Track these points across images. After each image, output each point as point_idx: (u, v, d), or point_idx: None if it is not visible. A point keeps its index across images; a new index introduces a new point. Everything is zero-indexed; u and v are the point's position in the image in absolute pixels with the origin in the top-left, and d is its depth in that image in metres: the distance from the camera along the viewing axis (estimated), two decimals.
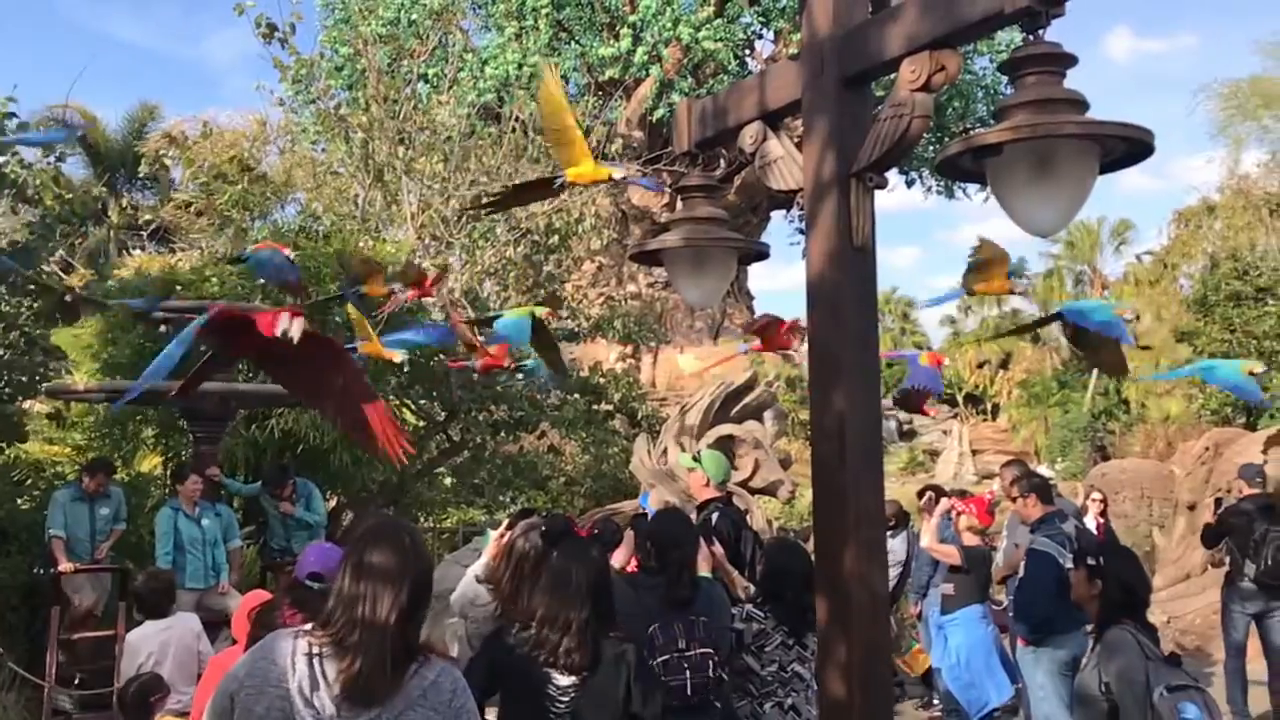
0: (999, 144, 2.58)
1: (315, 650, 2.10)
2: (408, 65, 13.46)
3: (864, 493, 2.92)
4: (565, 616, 2.92)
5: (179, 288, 8.78)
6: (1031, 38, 2.71)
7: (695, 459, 5.31)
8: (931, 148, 22.25)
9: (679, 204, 3.83)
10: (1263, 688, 6.91)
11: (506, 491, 11.27)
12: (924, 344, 38.61)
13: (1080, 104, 2.62)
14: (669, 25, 21.10)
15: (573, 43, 23.04)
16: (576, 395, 11.42)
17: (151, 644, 4.70)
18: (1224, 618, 7.07)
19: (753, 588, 4.26)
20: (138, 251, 15.17)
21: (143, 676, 4.34)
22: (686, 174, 3.79)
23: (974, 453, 25.65)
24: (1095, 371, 27.16)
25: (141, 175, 19.99)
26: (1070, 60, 2.69)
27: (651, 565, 3.65)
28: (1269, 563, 6.66)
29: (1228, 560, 7.25)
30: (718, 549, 4.42)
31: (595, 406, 11.72)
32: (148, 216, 14.68)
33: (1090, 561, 3.35)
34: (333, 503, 10.42)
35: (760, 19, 23.70)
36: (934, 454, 26.87)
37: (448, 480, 11.97)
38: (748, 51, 24.31)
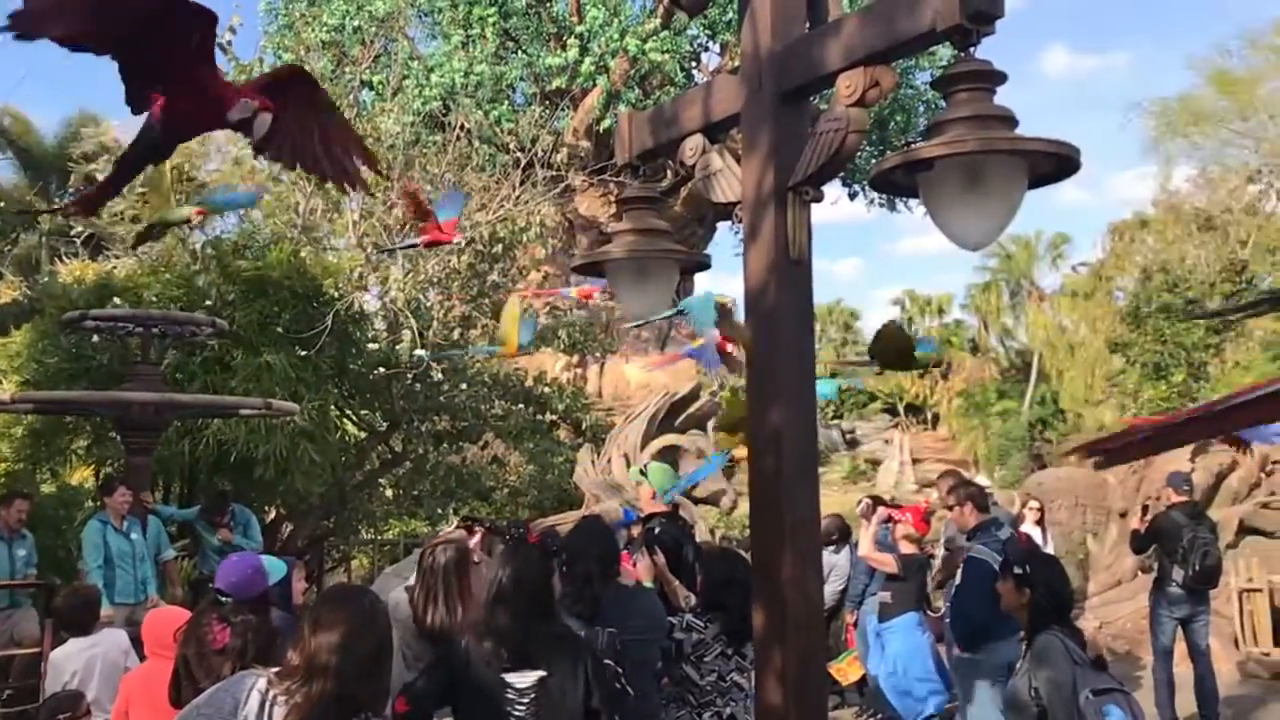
0: (931, 159, 2.63)
1: (270, 694, 2.23)
2: (351, 72, 13.34)
3: (800, 502, 2.96)
4: (514, 620, 2.93)
5: (115, 299, 8.59)
6: (963, 55, 2.77)
7: (643, 472, 5.33)
8: (874, 161, 22.53)
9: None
10: (1188, 689, 7.08)
11: (449, 503, 11.19)
12: (862, 354, 39.00)
13: (1010, 120, 2.68)
14: (616, 36, 21.18)
15: (520, 52, 23.00)
16: (521, 405, 11.38)
17: (76, 662, 4.57)
18: (1152, 622, 7.24)
19: (694, 597, 4.27)
20: (71, 259, 14.82)
21: (59, 694, 4.23)
22: (629, 185, 3.81)
23: (915, 462, 26.00)
24: (1033, 382, 27.71)
25: (73, 184, 19.55)
26: (1000, 77, 2.75)
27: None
28: (1196, 568, 6.84)
29: (1156, 566, 7.44)
30: (660, 558, 4.44)
31: (540, 417, 11.69)
32: (79, 226, 14.35)
33: (1018, 571, 3.42)
34: (271, 514, 10.26)
35: (706, 32, 23.87)
36: (875, 463, 27.17)
37: (389, 492, 11.85)
38: (694, 64, 24.45)
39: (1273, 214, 25.38)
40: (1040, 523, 8.77)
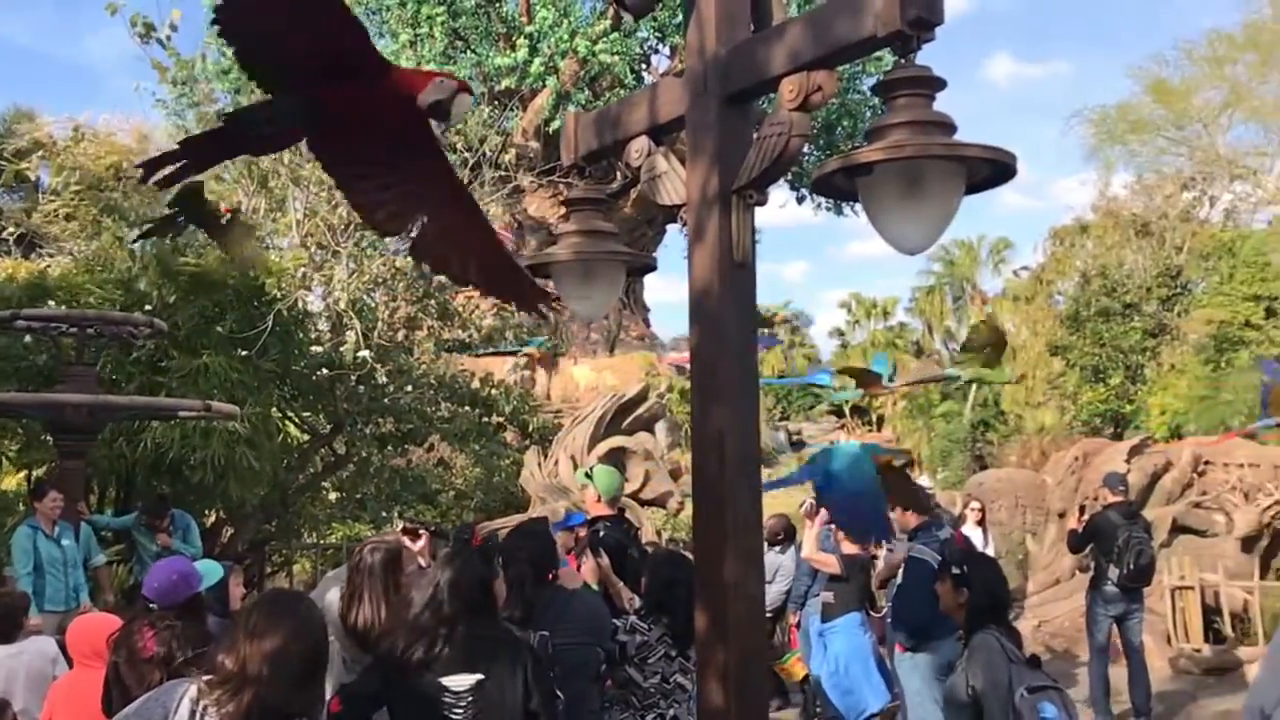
0: (870, 163, 2.66)
1: (201, 701, 2.18)
2: None
3: (742, 503, 2.97)
4: (452, 623, 2.92)
5: (50, 300, 8.38)
6: (903, 61, 2.81)
7: (588, 475, 5.32)
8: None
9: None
10: (1123, 685, 7.24)
11: (394, 506, 11.08)
12: (813, 356, 39.47)
13: (948, 126, 2.72)
14: (565, 37, 21.15)
15: (469, 51, 22.88)
16: (467, 407, 11.30)
17: None
18: (1088, 620, 7.40)
19: (638, 599, 4.27)
20: (4, 257, 14.41)
21: None
22: (575, 186, 3.80)
23: None
24: (975, 384, 28.16)
25: (2, 181, 19.02)
26: (939, 84, 2.79)
27: None
28: (1130, 567, 7.00)
29: (1093, 565, 7.60)
30: (604, 561, 4.43)
31: (486, 419, 11.63)
32: (10, 227, 13.96)
33: (955, 572, 3.47)
34: (211, 518, 10.08)
35: (656, 34, 23.94)
36: None
37: (332, 495, 11.71)
38: (644, 66, 24.52)
39: (1206, 221, 26.08)
40: (981, 523, 8.91)
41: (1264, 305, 19.40)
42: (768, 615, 7.94)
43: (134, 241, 8.92)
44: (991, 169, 2.75)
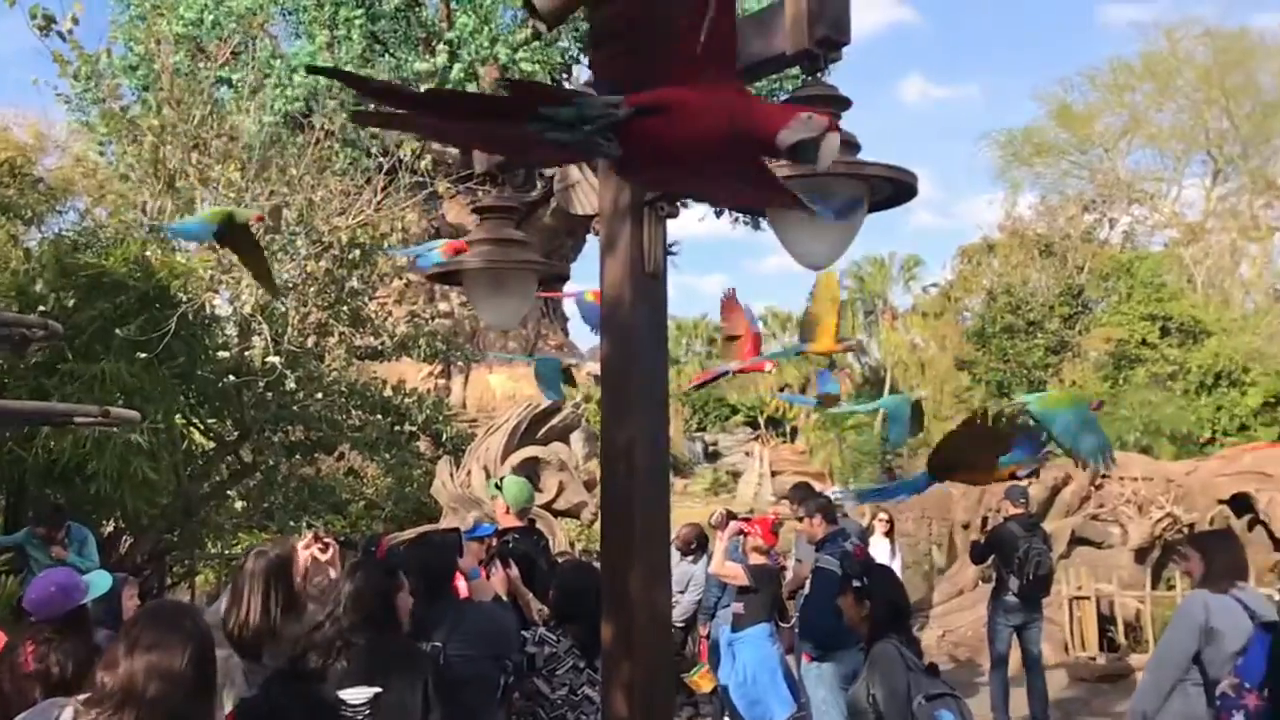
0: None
1: None
2: (207, 68, 12.83)
3: (650, 514, 2.98)
4: (351, 636, 2.86)
5: None
6: (811, 79, 2.86)
7: (497, 485, 5.28)
8: None
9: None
10: (1023, 693, 7.44)
11: (302, 516, 10.82)
12: None
13: (853, 145, 2.78)
14: (486, 44, 21.02)
15: (387, 55, 22.58)
16: (379, 416, 11.12)
17: None
18: (989, 629, 7.59)
19: (548, 610, 4.25)
20: None
21: None
22: (486, 194, 3.78)
23: (774, 474, 26.57)
24: (885, 396, 28.73)
25: None
26: (845, 103, 2.85)
27: None
28: (1030, 577, 7.20)
29: (994, 576, 7.80)
30: (513, 571, 4.40)
31: (399, 428, 11.44)
32: None
33: (857, 584, 3.54)
34: (109, 527, 9.73)
35: (579, 44, 23.95)
36: (736, 475, 27.66)
37: (238, 504, 11.40)
38: (565, 76, 24.50)
39: (1106, 242, 27.07)
40: (889, 534, 9.07)
41: (1159, 324, 20.22)
42: (679, 626, 7.98)
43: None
44: (893, 188, 2.82)
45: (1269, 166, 29.46)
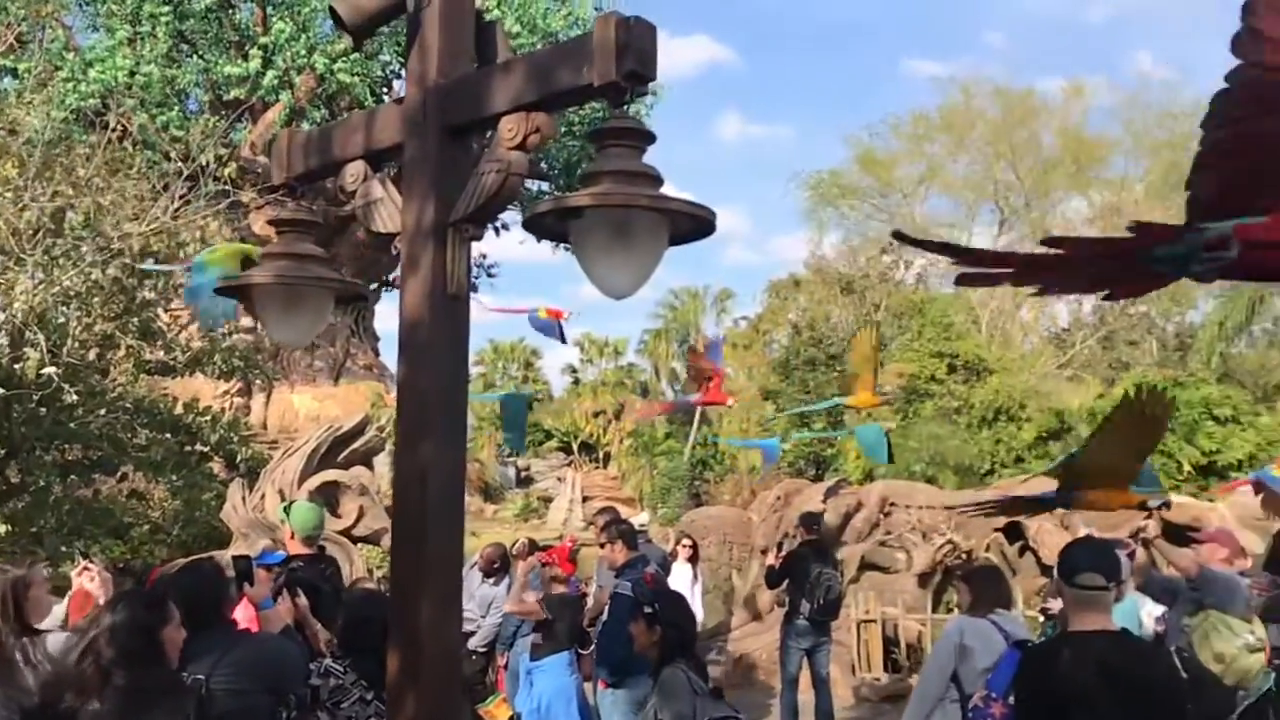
0: (580, 208, 2.73)
1: None
2: None
3: (442, 540, 2.92)
4: (108, 670, 2.68)
5: None
6: (616, 112, 2.90)
7: (286, 510, 5.07)
8: None
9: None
10: (812, 714, 7.72)
11: (76, 541, 10.05)
12: (545, 392, 39.79)
13: (655, 179, 2.83)
14: (303, 52, 20.37)
15: (195, 56, 21.55)
16: (168, 435, 10.49)
17: None
18: (781, 652, 7.85)
19: (335, 641, 4.10)
20: None
21: None
22: (283, 207, 3.65)
23: (585, 499, 26.68)
24: (696, 425, 29.40)
25: None
26: (649, 137, 2.90)
27: None
28: (820, 601, 7.51)
29: (788, 600, 8.07)
30: (301, 601, 4.23)
31: (189, 447, 10.83)
32: None
33: (648, 610, 3.59)
34: None
35: (400, 58, 23.53)
36: (548, 500, 27.61)
37: (2, 528, 10.49)
38: (386, 89, 24.01)
39: (901, 282, 28.72)
40: (692, 559, 9.25)
41: (946, 361, 21.55)
42: (482, 651, 7.86)
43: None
44: (693, 223, 2.89)
45: (1048, 218, 32.02)
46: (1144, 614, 5.52)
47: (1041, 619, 6.27)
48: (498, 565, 7.85)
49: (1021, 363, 23.42)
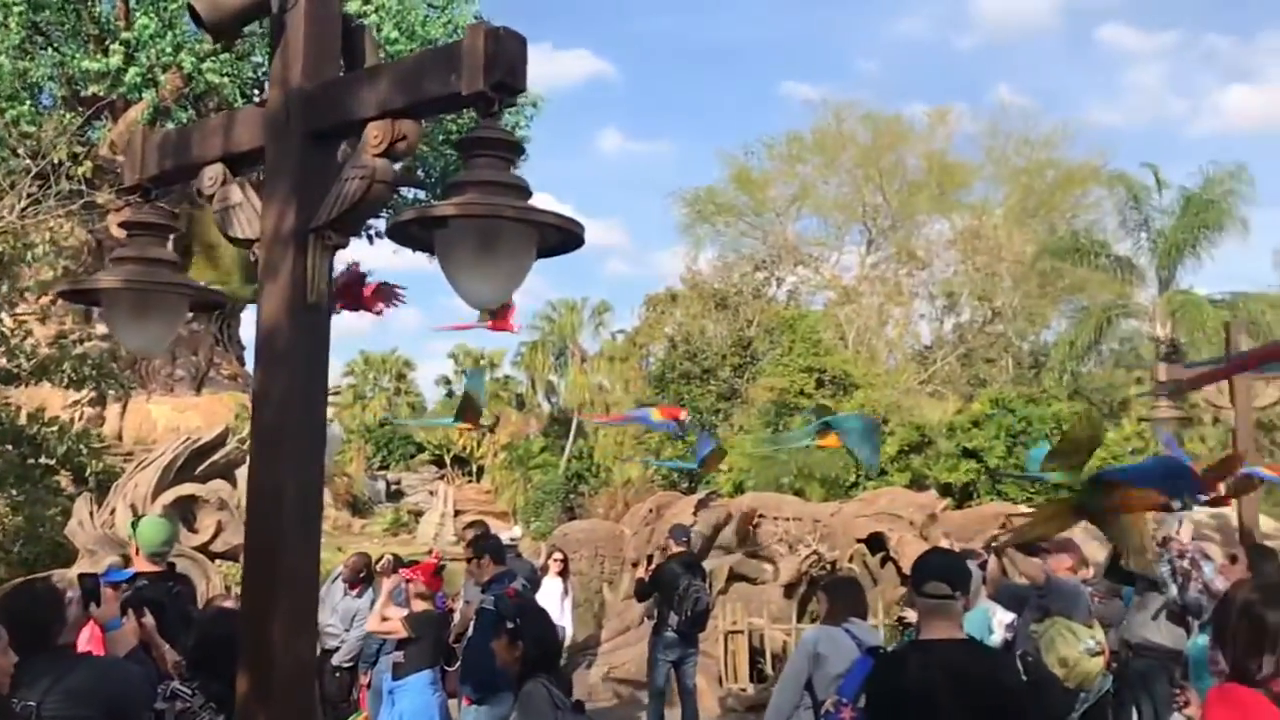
0: (445, 217, 2.70)
1: None
2: None
3: (296, 557, 2.83)
4: None
5: None
6: (484, 122, 2.88)
7: (134, 526, 4.85)
8: None
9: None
10: None
11: None
12: (418, 404, 39.15)
13: (523, 190, 2.82)
14: (169, 50, 19.58)
15: (50, 49, 20.51)
16: (9, 446, 9.90)
17: None
18: (649, 664, 7.89)
19: (184, 662, 3.93)
20: None
21: None
22: (136, 208, 3.50)
23: (457, 513, 26.30)
24: (572, 438, 29.37)
25: None
26: (518, 148, 2.90)
27: None
28: (688, 613, 7.57)
29: (657, 612, 8.12)
30: (147, 620, 4.05)
31: (33, 460, 10.25)
32: None
33: (510, 626, 3.56)
34: None
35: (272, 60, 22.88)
36: (419, 514, 27.12)
37: None
38: (257, 91, 23.29)
39: (773, 299, 29.37)
40: (563, 573, 9.22)
41: (815, 376, 22.10)
42: (346, 666, 7.66)
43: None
44: (562, 235, 2.89)
45: (912, 240, 33.21)
46: (995, 622, 5.76)
47: (900, 628, 6.47)
48: (363, 575, 7.68)
49: (886, 378, 24.19)
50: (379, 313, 4.90)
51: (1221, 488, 7.56)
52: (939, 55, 58.59)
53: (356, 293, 4.50)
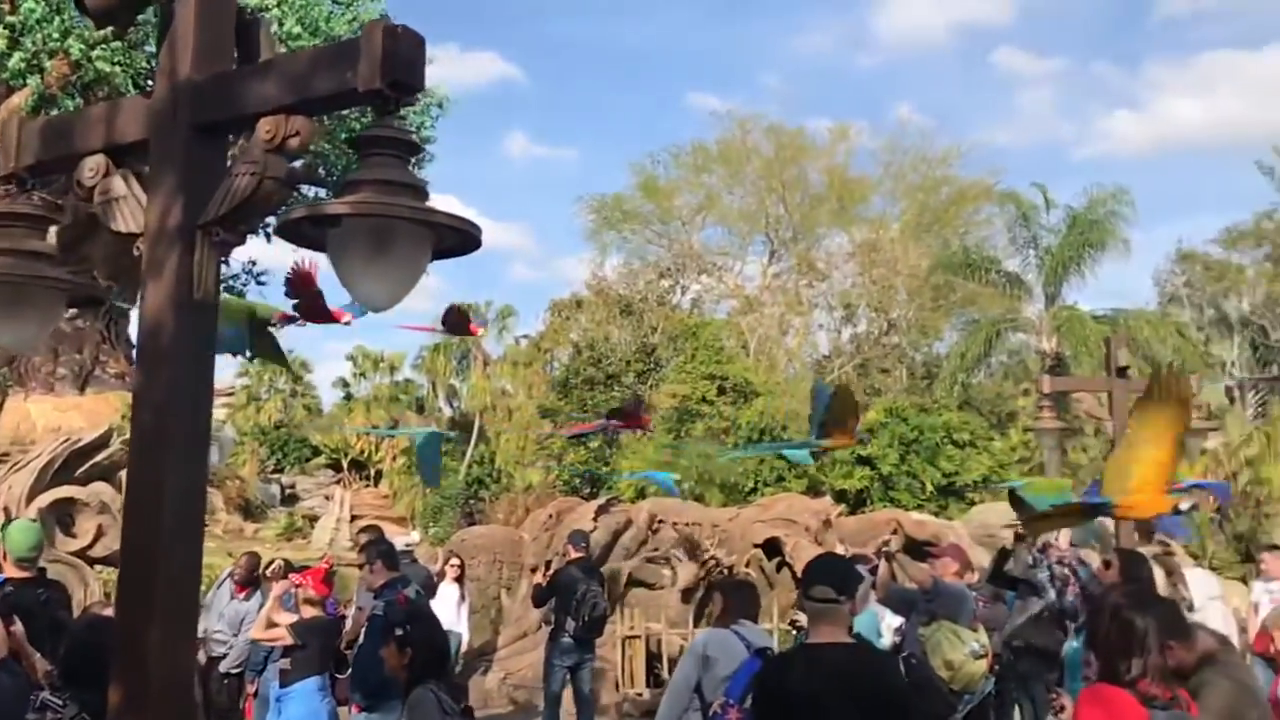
0: (338, 216, 2.65)
1: None
2: None
3: (177, 563, 2.74)
4: None
5: None
6: (382, 120, 2.85)
7: (3, 530, 4.64)
8: None
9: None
10: None
11: None
12: (314, 406, 38.29)
13: (419, 191, 2.79)
14: (56, 35, 18.79)
15: None
16: None
17: None
18: (545, 670, 7.87)
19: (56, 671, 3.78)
20: None
21: None
22: (11, 198, 3.36)
23: (354, 518, 25.77)
24: (473, 442, 29.08)
25: None
26: (415, 148, 2.87)
27: None
28: (585, 619, 7.58)
29: (553, 617, 8.10)
30: (16, 628, 3.87)
31: None
32: None
33: (399, 632, 3.52)
34: None
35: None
36: (314, 519, 26.50)
37: None
38: (151, 82, 22.53)
39: (677, 307, 29.62)
40: (459, 579, 9.13)
41: (717, 384, 22.36)
42: (235, 672, 7.46)
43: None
44: (459, 237, 2.87)
45: (813, 251, 33.85)
46: (884, 625, 5.90)
47: (793, 631, 6.58)
48: (256, 574, 7.51)
49: (785, 386, 24.57)
50: (347, 323, 4.83)
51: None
52: (841, 73, 59.86)
53: (320, 305, 4.42)
